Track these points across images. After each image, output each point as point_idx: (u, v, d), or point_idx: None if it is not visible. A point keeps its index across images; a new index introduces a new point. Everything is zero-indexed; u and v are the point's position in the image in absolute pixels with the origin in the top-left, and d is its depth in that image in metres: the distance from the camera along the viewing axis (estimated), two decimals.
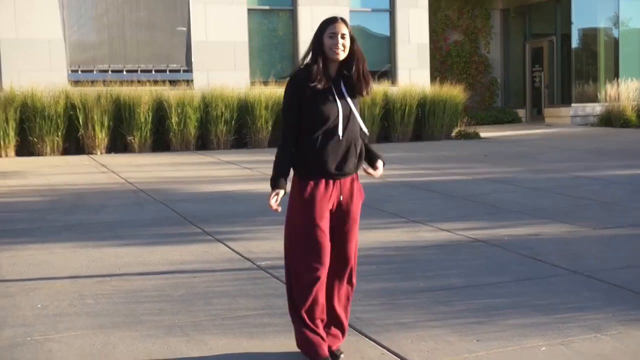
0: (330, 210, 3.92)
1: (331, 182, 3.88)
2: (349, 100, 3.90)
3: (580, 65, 23.04)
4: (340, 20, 3.91)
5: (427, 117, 17.41)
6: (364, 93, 3.94)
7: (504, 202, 9.01)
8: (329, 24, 3.89)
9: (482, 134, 18.29)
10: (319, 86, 3.82)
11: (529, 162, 13.09)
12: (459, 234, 7.20)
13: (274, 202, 3.81)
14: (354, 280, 4.13)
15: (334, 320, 4.07)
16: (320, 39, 3.89)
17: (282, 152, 3.90)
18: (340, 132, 3.85)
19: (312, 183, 3.86)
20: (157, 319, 4.79)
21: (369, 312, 4.86)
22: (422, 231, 7.40)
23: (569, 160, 13.25)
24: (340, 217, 3.96)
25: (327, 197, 3.88)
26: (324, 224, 3.88)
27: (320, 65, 3.85)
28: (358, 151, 3.95)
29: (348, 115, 3.88)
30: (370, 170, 4.11)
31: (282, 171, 3.88)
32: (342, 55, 3.88)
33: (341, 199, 3.92)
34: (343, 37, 3.87)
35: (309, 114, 3.84)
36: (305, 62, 3.93)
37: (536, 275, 5.75)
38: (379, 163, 4.10)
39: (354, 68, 3.91)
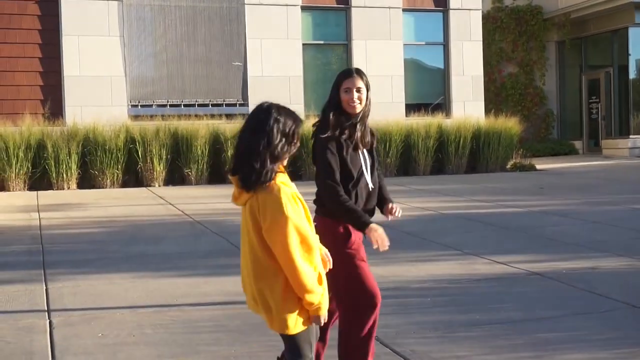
0: None
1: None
2: (365, 151, 4.03)
3: (638, 96, 22.67)
4: (355, 73, 3.98)
5: (482, 149, 17.31)
6: (373, 145, 4.09)
7: (560, 234, 8.89)
8: (345, 77, 3.97)
9: (538, 166, 18.09)
10: (345, 140, 3.95)
11: (586, 194, 12.90)
12: (514, 266, 7.13)
13: (383, 240, 3.85)
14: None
15: None
16: (337, 93, 3.98)
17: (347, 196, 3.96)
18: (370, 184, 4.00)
19: (350, 228, 3.97)
20: (214, 349, 4.85)
21: (425, 345, 4.85)
22: (477, 263, 7.35)
23: (628, 193, 13.01)
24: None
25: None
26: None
27: (334, 121, 3.94)
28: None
29: (372, 166, 4.03)
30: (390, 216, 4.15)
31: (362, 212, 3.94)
32: (359, 108, 3.96)
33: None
34: (359, 90, 3.94)
35: (342, 166, 3.94)
36: (324, 116, 4.02)
37: (594, 309, 5.66)
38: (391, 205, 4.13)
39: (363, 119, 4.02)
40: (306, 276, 3.15)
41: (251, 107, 16.60)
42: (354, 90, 3.92)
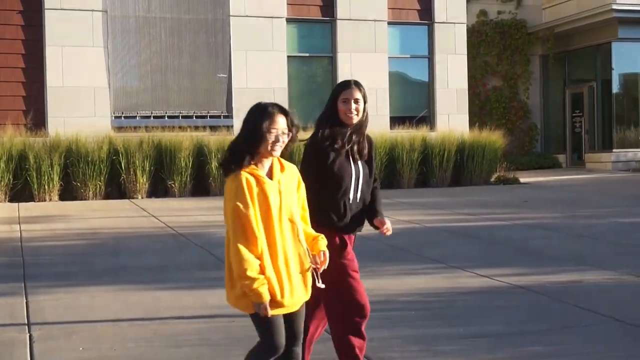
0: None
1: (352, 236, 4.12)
2: (359, 162, 4.07)
3: (621, 111, 22.84)
4: (353, 85, 4.04)
5: (466, 163, 17.34)
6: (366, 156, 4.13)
7: (544, 248, 8.91)
8: (343, 89, 4.03)
9: (522, 179, 18.15)
10: (334, 149, 3.98)
11: (569, 207, 12.94)
12: (498, 280, 7.13)
13: None
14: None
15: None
16: (334, 104, 4.02)
17: None
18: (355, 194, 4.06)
19: (346, 239, 4.06)
20: None
21: (409, 358, 4.82)
22: (462, 277, 7.33)
23: (611, 207, 13.07)
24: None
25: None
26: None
27: (327, 131, 3.99)
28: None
29: (366, 177, 4.09)
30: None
31: None
32: (356, 119, 4.03)
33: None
34: (356, 102, 4.01)
35: (328, 174, 3.98)
36: (318, 126, 4.08)
37: (579, 323, 5.66)
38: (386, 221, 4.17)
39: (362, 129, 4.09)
40: (241, 261, 3.35)
41: (235, 119, 16.63)
42: (352, 101, 3.99)
